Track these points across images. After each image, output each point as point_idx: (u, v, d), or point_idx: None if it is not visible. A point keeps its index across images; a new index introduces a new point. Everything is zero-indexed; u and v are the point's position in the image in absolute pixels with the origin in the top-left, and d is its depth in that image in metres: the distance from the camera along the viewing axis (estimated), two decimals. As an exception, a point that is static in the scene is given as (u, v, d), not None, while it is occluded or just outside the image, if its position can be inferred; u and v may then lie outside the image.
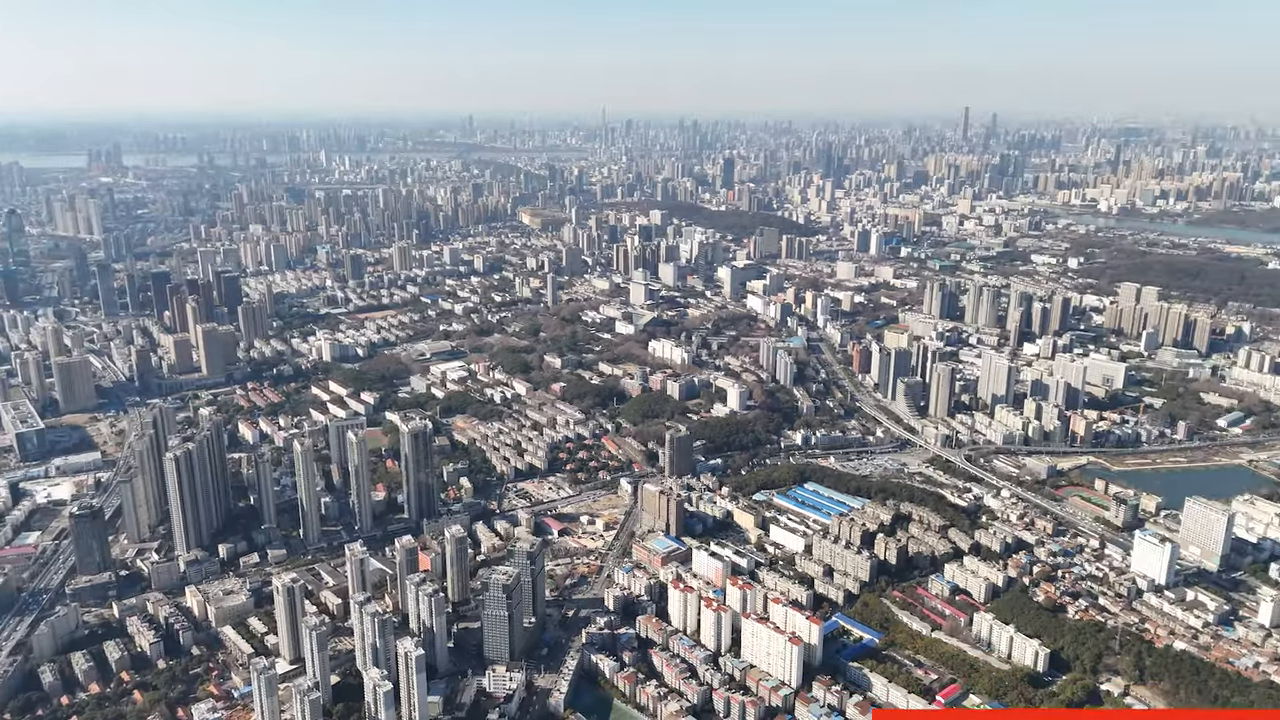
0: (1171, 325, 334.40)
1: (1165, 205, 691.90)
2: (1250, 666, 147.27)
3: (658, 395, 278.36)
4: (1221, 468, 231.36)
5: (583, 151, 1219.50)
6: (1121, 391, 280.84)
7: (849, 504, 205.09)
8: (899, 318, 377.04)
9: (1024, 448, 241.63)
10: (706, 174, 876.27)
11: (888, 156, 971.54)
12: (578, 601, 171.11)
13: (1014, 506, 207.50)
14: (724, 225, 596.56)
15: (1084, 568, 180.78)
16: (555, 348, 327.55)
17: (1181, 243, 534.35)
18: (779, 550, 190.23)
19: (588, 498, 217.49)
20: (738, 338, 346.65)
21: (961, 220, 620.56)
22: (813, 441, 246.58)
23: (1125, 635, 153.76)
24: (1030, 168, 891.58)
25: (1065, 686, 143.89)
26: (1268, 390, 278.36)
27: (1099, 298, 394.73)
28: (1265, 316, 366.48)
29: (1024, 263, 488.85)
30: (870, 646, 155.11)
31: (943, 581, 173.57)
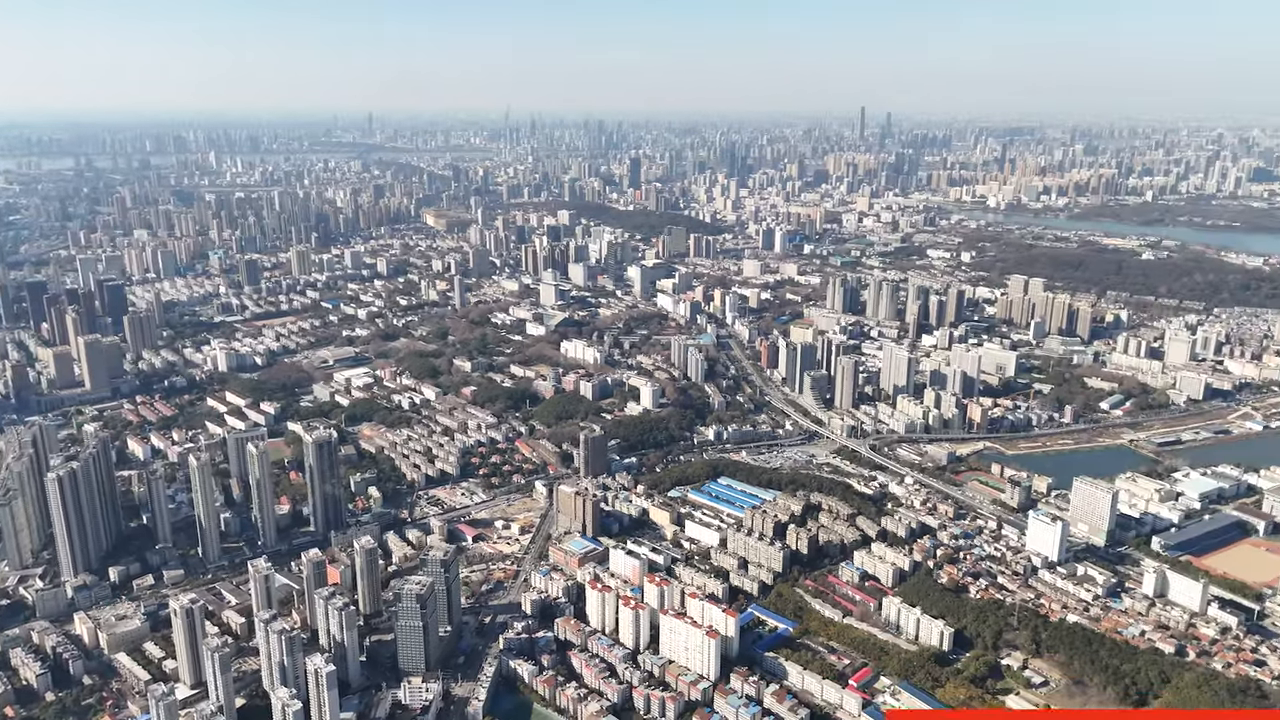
0: (1057, 314, 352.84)
1: (1048, 201, 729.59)
2: (1137, 635, 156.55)
3: (571, 396, 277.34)
4: (1105, 448, 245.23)
5: (487, 151, 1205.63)
6: (1013, 379, 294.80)
7: (761, 496, 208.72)
8: (804, 313, 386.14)
9: (925, 435, 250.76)
10: (614, 174, 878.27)
11: (789, 156, 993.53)
12: (494, 607, 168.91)
13: (917, 493, 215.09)
14: (632, 225, 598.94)
15: (983, 548, 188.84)
16: (465, 351, 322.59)
17: (1064, 236, 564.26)
18: (695, 545, 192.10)
19: (502, 502, 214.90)
20: (649, 336, 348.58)
21: (861, 217, 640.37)
22: (725, 437, 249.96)
23: (1023, 611, 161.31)
24: (924, 166, 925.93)
25: (969, 663, 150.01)
26: (1145, 374, 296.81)
27: (990, 290, 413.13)
28: (1140, 304, 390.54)
29: (920, 257, 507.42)
30: (785, 635, 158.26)
31: (852, 568, 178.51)
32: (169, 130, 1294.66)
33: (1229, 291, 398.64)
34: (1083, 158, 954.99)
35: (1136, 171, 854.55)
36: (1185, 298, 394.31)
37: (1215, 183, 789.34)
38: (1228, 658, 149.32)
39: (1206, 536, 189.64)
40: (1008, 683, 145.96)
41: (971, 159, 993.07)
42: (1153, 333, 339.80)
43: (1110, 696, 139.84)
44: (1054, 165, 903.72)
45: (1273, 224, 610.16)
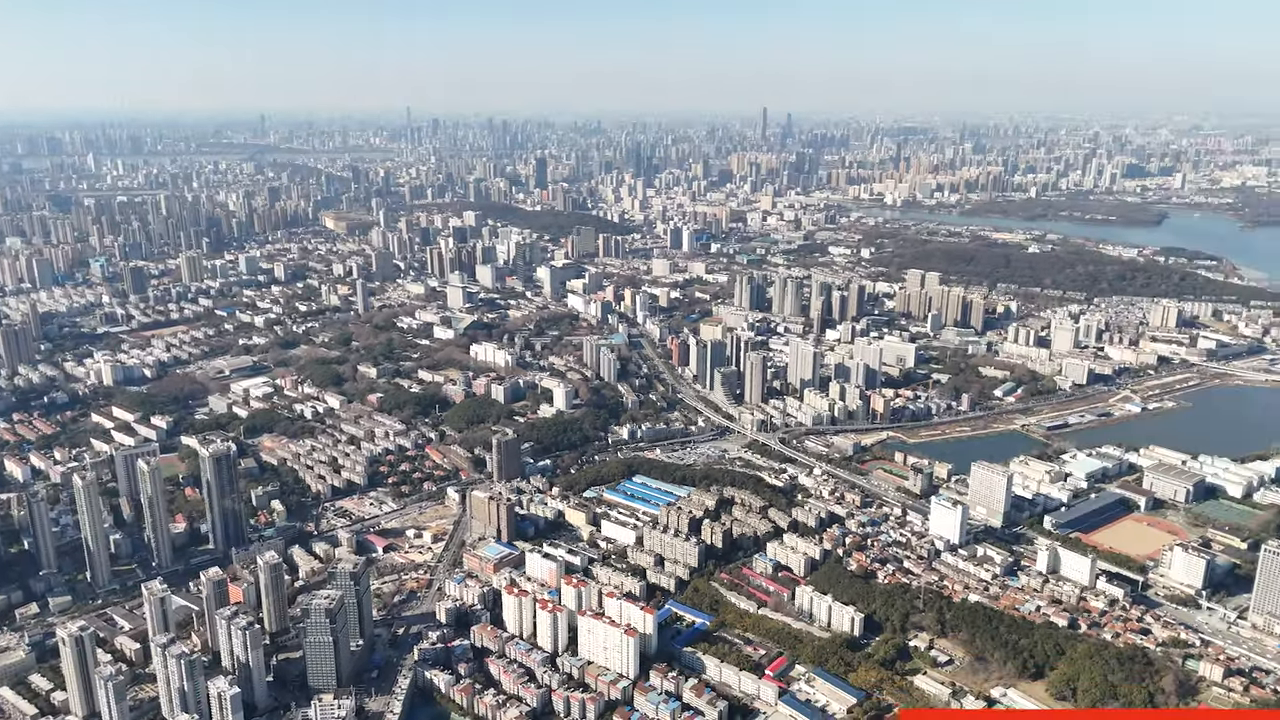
0: (952, 307, 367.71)
1: (941, 197, 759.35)
2: (1033, 610, 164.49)
3: (482, 400, 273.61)
4: (1000, 434, 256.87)
5: (388, 152, 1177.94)
6: (913, 369, 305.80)
7: (676, 493, 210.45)
8: (713, 311, 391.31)
9: (831, 427, 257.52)
10: (519, 174, 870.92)
11: (694, 156, 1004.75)
12: (408, 618, 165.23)
13: (826, 483, 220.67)
14: (540, 225, 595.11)
15: (890, 535, 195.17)
16: (369, 357, 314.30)
17: (956, 231, 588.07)
18: (611, 545, 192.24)
19: (413, 510, 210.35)
20: (561, 337, 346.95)
21: (765, 216, 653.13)
22: (639, 435, 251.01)
23: (928, 593, 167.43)
24: (824, 165, 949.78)
25: (879, 647, 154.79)
26: (1034, 361, 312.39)
27: (889, 284, 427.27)
28: (1028, 296, 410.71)
29: (822, 254, 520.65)
30: (702, 630, 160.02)
31: (766, 560, 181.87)
32: (42, 132, 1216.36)
33: (1107, 282, 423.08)
34: (972, 156, 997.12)
35: (1021, 169, 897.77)
36: (1068, 288, 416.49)
37: (1092, 179, 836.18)
38: (1116, 628, 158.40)
39: (1093, 514, 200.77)
40: (916, 663, 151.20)
41: (868, 158, 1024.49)
42: (1040, 322, 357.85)
43: (1010, 671, 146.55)
44: (946, 163, 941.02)
45: (1145, 218, 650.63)
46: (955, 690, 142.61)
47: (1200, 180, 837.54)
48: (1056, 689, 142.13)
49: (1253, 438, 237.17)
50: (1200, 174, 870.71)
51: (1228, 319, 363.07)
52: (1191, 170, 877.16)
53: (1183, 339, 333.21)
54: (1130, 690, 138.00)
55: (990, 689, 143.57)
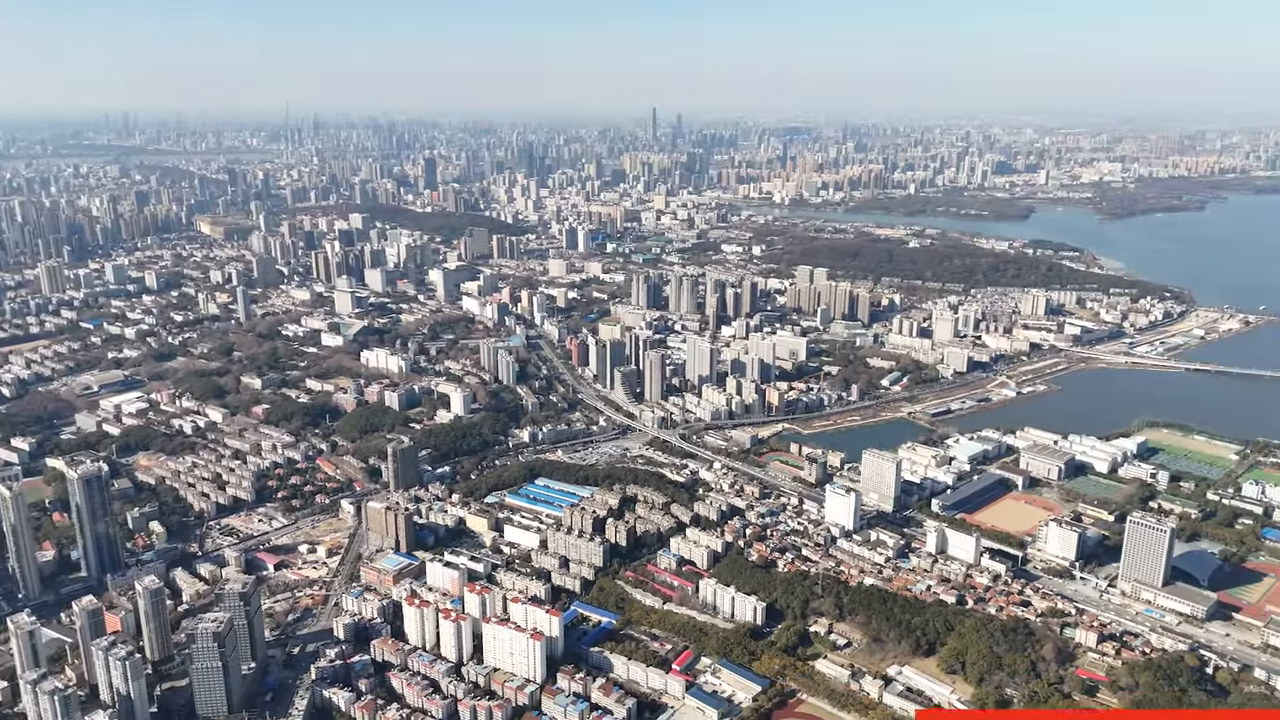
0: (840, 301, 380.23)
1: (827, 195, 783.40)
2: (924, 590, 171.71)
3: (376, 407, 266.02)
4: (888, 421, 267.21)
5: (266, 153, 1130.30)
6: (805, 363, 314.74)
7: (579, 494, 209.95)
8: (611, 310, 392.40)
9: (729, 421, 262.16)
10: (408, 175, 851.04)
11: (586, 156, 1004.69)
12: (303, 637, 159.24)
13: (725, 476, 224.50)
14: (431, 227, 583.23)
15: (788, 524, 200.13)
16: (253, 367, 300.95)
17: (842, 228, 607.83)
18: (515, 549, 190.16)
19: (306, 525, 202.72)
20: (456, 341, 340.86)
21: (659, 215, 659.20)
22: (540, 437, 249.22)
23: (825, 579, 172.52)
24: (714, 165, 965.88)
25: (781, 634, 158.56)
26: (917, 351, 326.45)
27: (780, 280, 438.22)
28: (910, 289, 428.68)
29: (716, 252, 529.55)
30: (609, 629, 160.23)
31: (669, 555, 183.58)
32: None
33: (982, 273, 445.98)
34: (854, 155, 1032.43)
35: (900, 167, 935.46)
36: (947, 281, 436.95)
37: (965, 176, 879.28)
38: (1000, 602, 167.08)
39: (976, 495, 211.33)
40: (817, 648, 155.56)
41: (757, 158, 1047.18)
42: (922, 314, 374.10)
43: (904, 649, 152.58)
44: (830, 162, 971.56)
45: (1014, 212, 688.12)
46: (854, 672, 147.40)
47: (1062, 176, 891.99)
48: (947, 663, 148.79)
49: (1116, 416, 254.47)
50: (1062, 171, 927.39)
51: (1090, 306, 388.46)
52: (1054, 167, 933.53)
53: (1051, 326, 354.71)
54: (1014, 660, 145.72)
55: (886, 668, 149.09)
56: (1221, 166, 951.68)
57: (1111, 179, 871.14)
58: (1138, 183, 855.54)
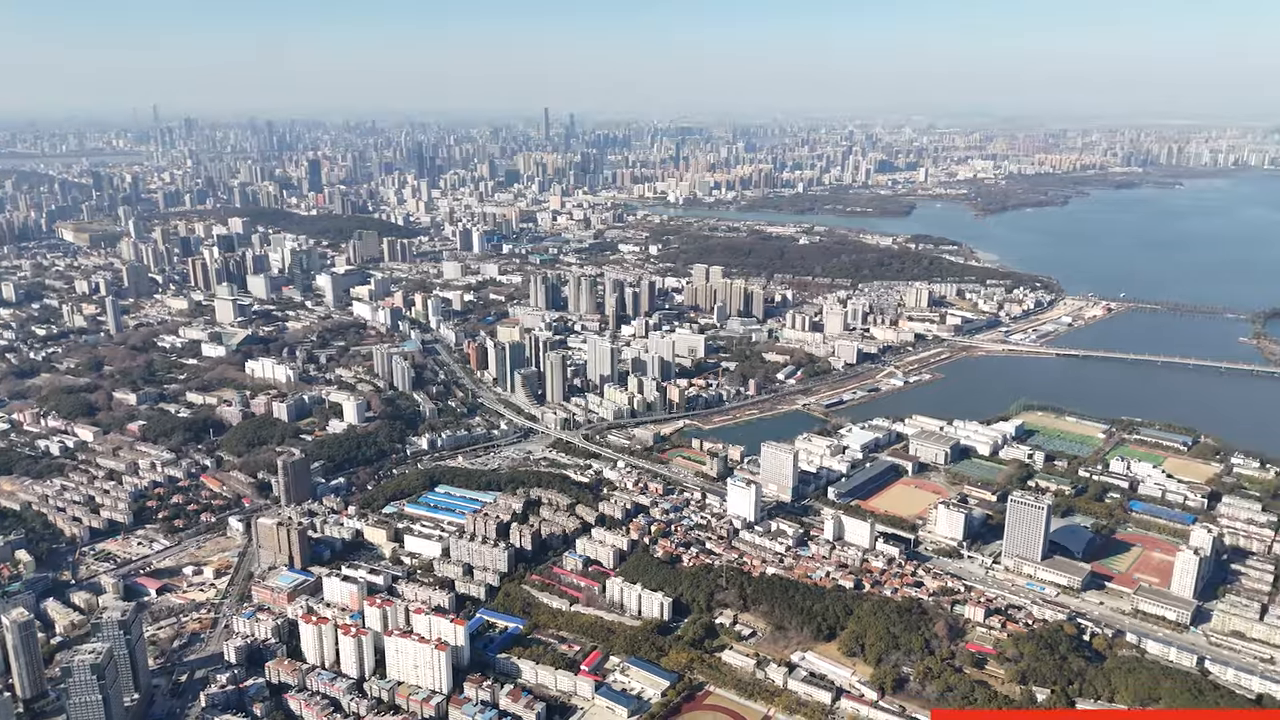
0: (735, 298, 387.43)
1: (719, 195, 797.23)
2: (823, 576, 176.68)
3: (263, 419, 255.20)
4: (785, 414, 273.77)
5: (135, 155, 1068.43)
6: (704, 359, 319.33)
7: (482, 500, 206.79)
8: (509, 312, 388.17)
9: (632, 420, 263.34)
10: (290, 177, 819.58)
11: (479, 156, 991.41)
12: (191, 663, 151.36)
13: (630, 475, 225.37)
14: (317, 230, 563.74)
15: (692, 519, 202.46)
16: (127, 382, 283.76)
17: (735, 227, 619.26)
18: (416, 559, 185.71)
19: (190, 546, 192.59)
20: (348, 348, 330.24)
21: (555, 216, 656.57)
22: (439, 444, 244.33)
23: (729, 571, 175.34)
24: (609, 164, 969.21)
25: (688, 628, 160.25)
26: (810, 345, 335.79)
27: (677, 279, 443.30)
28: (801, 284, 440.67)
29: (613, 252, 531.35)
30: (516, 634, 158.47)
31: (575, 556, 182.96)
32: None
33: (869, 268, 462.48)
34: (744, 155, 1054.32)
35: (789, 166, 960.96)
36: (836, 276, 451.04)
37: (850, 174, 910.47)
38: (894, 584, 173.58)
39: (869, 482, 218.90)
40: (722, 640, 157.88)
41: (650, 157, 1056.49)
42: (813, 309, 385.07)
43: (806, 636, 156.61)
44: (721, 162, 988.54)
45: (896, 209, 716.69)
46: (759, 660, 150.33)
47: (939, 174, 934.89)
48: (847, 646, 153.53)
49: (995, 401, 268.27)
50: (939, 168, 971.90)
51: (969, 297, 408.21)
52: (932, 165, 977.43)
53: (934, 317, 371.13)
54: (909, 639, 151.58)
55: (790, 654, 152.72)
56: (1083, 163, 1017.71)
57: (985, 176, 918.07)
58: (1009, 179, 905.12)
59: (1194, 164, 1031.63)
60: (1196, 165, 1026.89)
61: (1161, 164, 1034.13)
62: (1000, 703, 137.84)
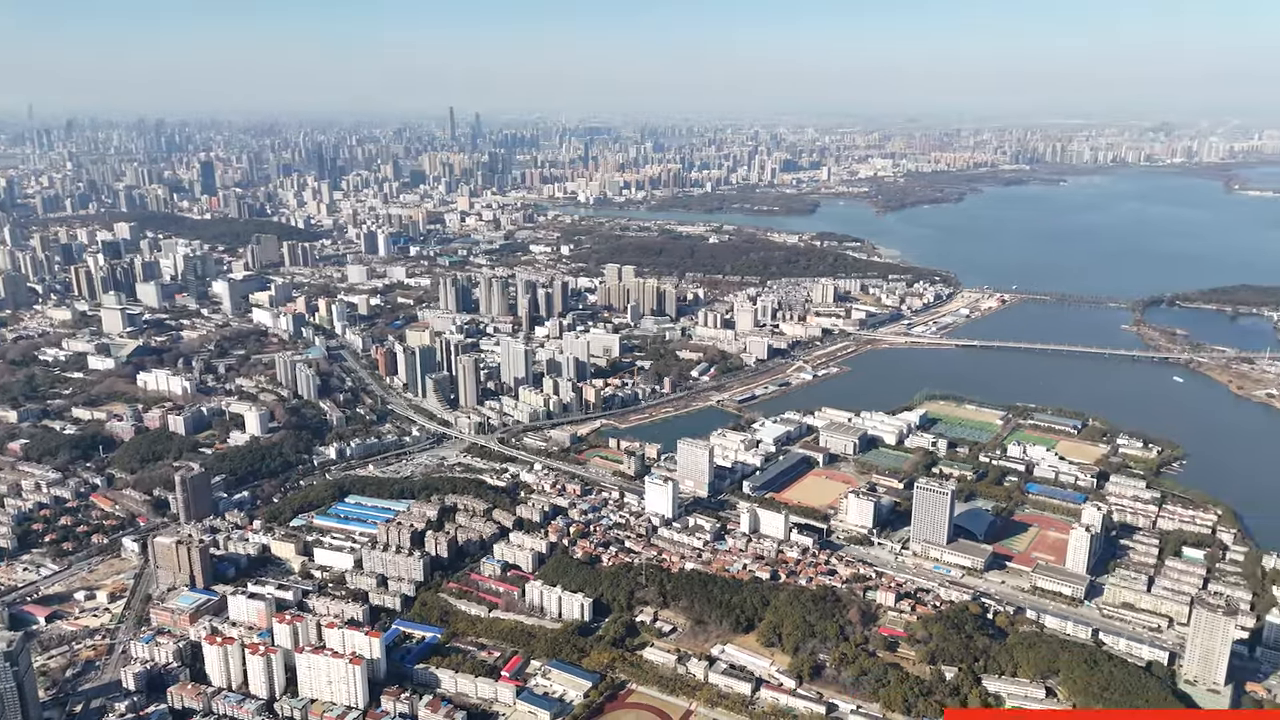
0: (648, 297, 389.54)
1: (629, 194, 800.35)
2: (740, 569, 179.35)
3: (158, 434, 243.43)
4: (700, 411, 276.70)
5: (9, 158, 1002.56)
6: (619, 359, 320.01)
7: (395, 508, 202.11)
8: (418, 316, 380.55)
9: (548, 421, 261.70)
10: (181, 180, 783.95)
11: (382, 157, 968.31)
12: (86, 692, 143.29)
13: (547, 477, 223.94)
14: (212, 235, 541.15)
15: (610, 518, 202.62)
16: (6, 398, 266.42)
17: (646, 226, 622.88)
18: (327, 572, 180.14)
19: (81, 569, 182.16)
20: (248, 356, 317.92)
21: (463, 217, 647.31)
22: (349, 453, 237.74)
23: (649, 569, 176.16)
24: (517, 165, 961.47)
25: (609, 628, 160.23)
26: (722, 342, 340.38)
27: (590, 279, 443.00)
28: (712, 282, 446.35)
29: (524, 253, 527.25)
30: (434, 644, 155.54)
31: (493, 562, 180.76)
32: None
33: (777, 266, 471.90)
34: (653, 154, 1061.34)
35: (697, 166, 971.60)
36: (746, 273, 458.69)
37: (756, 174, 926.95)
38: (809, 573, 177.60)
39: (783, 474, 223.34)
40: (643, 637, 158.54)
41: (559, 157, 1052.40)
42: (724, 306, 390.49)
43: (725, 629, 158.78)
44: (630, 162, 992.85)
45: (802, 207, 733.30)
46: (680, 656, 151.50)
47: (841, 173, 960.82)
48: (765, 637, 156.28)
49: (900, 392, 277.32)
50: (841, 167, 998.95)
51: (872, 292, 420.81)
52: (834, 164, 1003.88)
53: (840, 312, 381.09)
54: (825, 626, 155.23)
55: (710, 648, 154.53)
56: (975, 161, 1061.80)
57: (885, 174, 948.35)
58: (907, 177, 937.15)
59: (1076, 162, 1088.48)
60: (1079, 163, 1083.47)
61: (1047, 162, 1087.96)
62: (911, 683, 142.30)
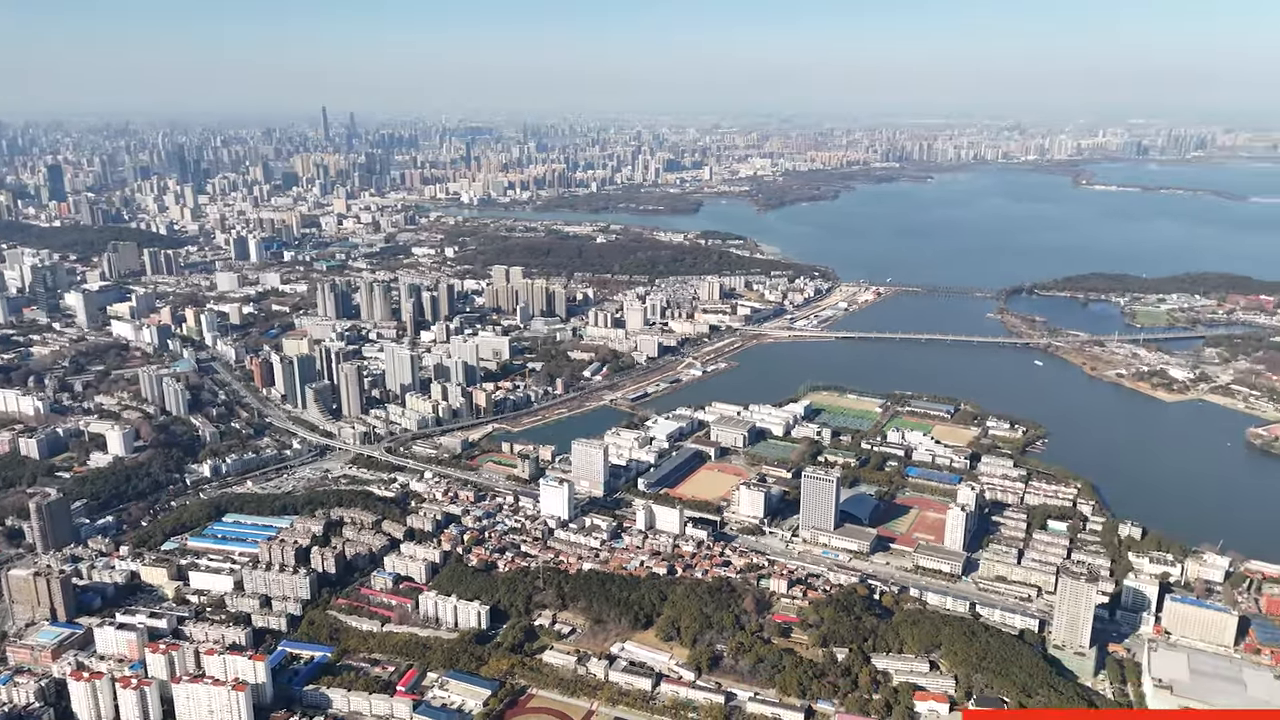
0: (537, 298, 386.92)
1: (514, 195, 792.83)
2: (638, 566, 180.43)
3: (8, 459, 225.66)
4: (593, 411, 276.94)
5: None
6: (510, 361, 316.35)
7: (277, 525, 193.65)
8: (296, 324, 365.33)
9: (438, 428, 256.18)
10: (25, 185, 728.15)
11: (251, 159, 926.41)
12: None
13: (438, 485, 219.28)
14: (63, 244, 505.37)
15: (505, 523, 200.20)
16: None
17: (532, 227, 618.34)
18: (205, 596, 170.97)
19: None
20: (108, 372, 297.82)
21: (340, 219, 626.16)
22: (224, 470, 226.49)
23: (546, 572, 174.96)
24: (396, 165, 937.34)
25: (507, 634, 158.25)
26: (613, 341, 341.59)
27: (477, 281, 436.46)
28: (602, 282, 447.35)
29: (406, 256, 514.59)
30: (324, 663, 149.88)
31: (385, 575, 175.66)
32: None
33: (664, 264, 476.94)
34: (536, 154, 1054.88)
35: (581, 166, 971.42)
36: (634, 273, 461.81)
37: (641, 173, 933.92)
38: (704, 565, 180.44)
39: (676, 470, 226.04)
40: (543, 641, 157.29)
41: (440, 158, 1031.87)
42: (614, 305, 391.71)
43: (625, 626, 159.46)
44: (514, 162, 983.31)
45: (686, 206, 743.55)
46: (580, 656, 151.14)
47: (723, 172, 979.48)
48: (664, 632, 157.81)
49: (785, 385, 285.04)
50: (723, 166, 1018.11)
51: (756, 288, 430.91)
52: (716, 164, 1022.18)
53: (726, 309, 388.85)
54: (721, 617, 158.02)
55: (609, 647, 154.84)
56: (849, 160, 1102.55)
57: (764, 173, 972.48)
58: (785, 176, 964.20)
59: (941, 160, 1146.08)
60: (944, 160, 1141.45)
61: (915, 160, 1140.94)
62: (805, 667, 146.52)
